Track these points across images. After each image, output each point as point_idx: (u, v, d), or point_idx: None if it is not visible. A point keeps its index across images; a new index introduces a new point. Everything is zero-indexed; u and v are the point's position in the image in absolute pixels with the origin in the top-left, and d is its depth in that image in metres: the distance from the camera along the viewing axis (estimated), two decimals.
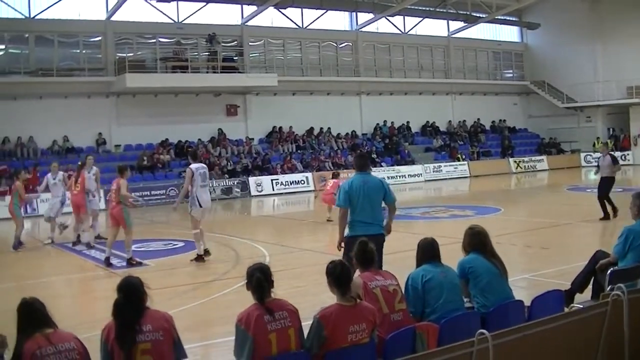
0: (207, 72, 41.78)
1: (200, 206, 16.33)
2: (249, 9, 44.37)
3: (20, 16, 38.48)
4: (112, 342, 5.60)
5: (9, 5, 38.09)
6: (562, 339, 6.47)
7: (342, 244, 10.35)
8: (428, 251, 7.61)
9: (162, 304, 11.66)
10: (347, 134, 47.62)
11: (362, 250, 7.38)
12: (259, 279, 6.11)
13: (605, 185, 20.28)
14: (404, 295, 7.15)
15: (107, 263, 16.36)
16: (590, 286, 9.58)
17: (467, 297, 7.70)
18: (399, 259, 14.28)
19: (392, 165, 45.59)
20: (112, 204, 16.68)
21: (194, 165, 16.48)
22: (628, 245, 9.10)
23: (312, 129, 46.51)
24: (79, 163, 22.67)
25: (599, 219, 19.71)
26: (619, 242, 9.25)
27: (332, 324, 6.07)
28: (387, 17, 49.58)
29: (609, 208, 19.92)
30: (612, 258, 9.30)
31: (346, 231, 10.41)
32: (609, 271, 8.51)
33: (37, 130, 37.52)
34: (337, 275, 6.37)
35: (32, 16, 38.73)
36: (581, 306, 7.39)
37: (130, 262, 16.17)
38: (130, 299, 5.75)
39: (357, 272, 7.17)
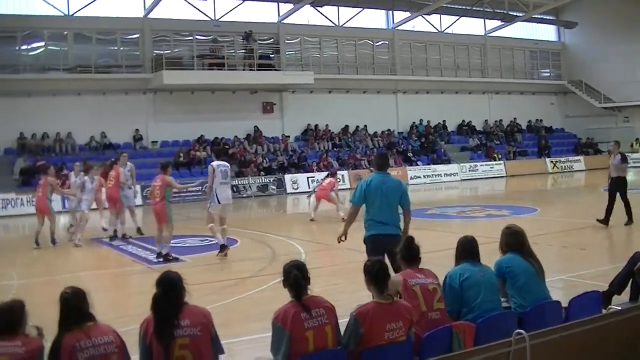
0: (244, 70, 41.99)
1: (219, 203, 16.57)
2: (286, 7, 44.51)
3: (59, 14, 38.91)
4: (150, 336, 5.66)
5: (48, 3, 38.53)
6: (600, 341, 6.45)
7: (343, 239, 10.36)
8: (468, 249, 7.58)
9: (198, 300, 11.74)
10: (383, 132, 47.56)
11: (408, 247, 7.42)
12: (297, 277, 6.14)
13: (619, 187, 19.47)
14: (443, 295, 7.15)
15: (159, 256, 16.60)
16: (628, 288, 9.51)
17: (504, 297, 7.67)
18: (435, 259, 14.24)
19: (429, 164, 45.48)
20: (156, 200, 16.77)
21: (215, 163, 16.83)
22: None
23: (347, 127, 46.48)
24: (112, 159, 22.85)
25: (597, 220, 19.02)
26: None
27: (369, 321, 6.08)
28: (424, 16, 49.48)
29: (609, 213, 19.13)
30: None
31: (363, 232, 10.31)
32: None
33: (76, 127, 37.93)
34: (375, 274, 6.40)
35: (71, 14, 39.15)
36: (619, 308, 7.35)
37: (167, 258, 16.27)
38: (169, 294, 5.81)
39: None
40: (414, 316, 6.37)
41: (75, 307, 5.56)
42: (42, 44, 38.80)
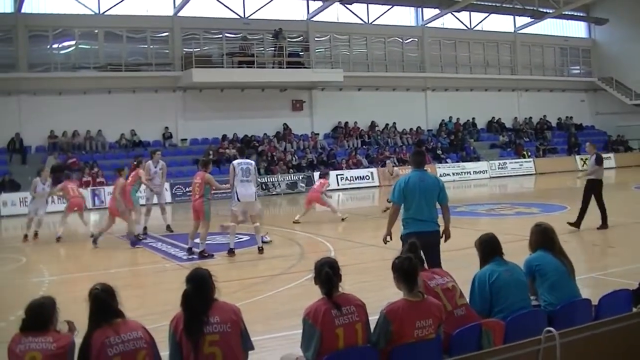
0: (273, 68, 42.08)
1: (239, 200, 16.73)
2: (315, 5, 44.60)
3: (90, 12, 39.25)
4: (180, 332, 5.70)
5: (79, 2, 38.85)
6: (630, 339, 6.43)
7: (388, 239, 10.38)
8: (492, 248, 7.53)
9: (228, 296, 11.81)
10: (411, 129, 47.50)
11: (412, 251, 7.36)
12: (328, 274, 6.16)
13: (593, 189, 18.79)
14: (461, 291, 7.14)
15: (190, 252, 16.82)
16: None
17: (533, 295, 7.64)
18: (462, 256, 14.25)
19: (458, 161, 45.34)
20: (195, 197, 16.95)
21: (235, 161, 17.09)
22: None
23: (373, 123, 46.46)
24: (137, 159, 22.85)
25: (567, 222, 18.34)
26: None
27: (399, 319, 6.09)
28: (453, 13, 49.37)
29: (581, 218, 18.57)
30: None
31: (401, 229, 10.33)
32: None
33: (106, 124, 38.26)
34: (405, 271, 6.37)
35: (101, 12, 39.47)
36: None
37: (202, 255, 16.37)
38: (199, 290, 5.86)
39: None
40: (443, 314, 6.38)
41: (104, 303, 5.62)
42: (73, 42, 39.11)
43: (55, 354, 5.42)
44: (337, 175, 39.38)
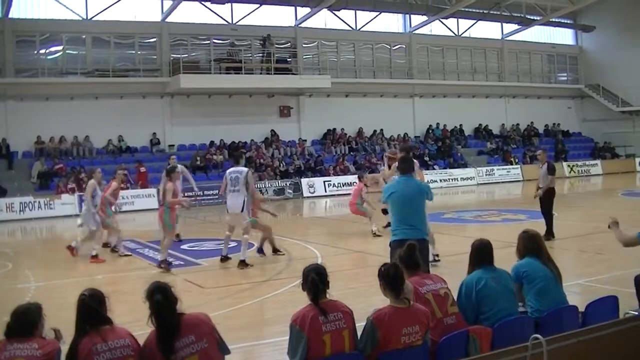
0: (261, 74, 42.09)
1: (227, 211, 16.42)
2: (303, 11, 44.60)
3: (77, 18, 39.15)
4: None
5: (67, 7, 38.75)
6: (617, 346, 6.44)
7: None
8: (482, 254, 7.50)
9: (215, 303, 11.84)
10: (399, 135, 47.55)
11: (410, 254, 7.34)
12: (314, 280, 6.15)
13: (545, 199, 18.19)
14: (454, 298, 7.13)
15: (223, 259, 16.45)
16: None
17: (520, 301, 7.65)
18: (450, 262, 14.31)
19: (445, 168, 45.42)
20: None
21: (230, 169, 16.59)
22: None
23: (361, 130, 46.49)
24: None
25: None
26: None
27: (385, 325, 6.08)
28: (441, 20, 49.45)
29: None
30: None
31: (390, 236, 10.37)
32: None
33: (93, 130, 38.10)
34: (391, 278, 6.35)
35: (89, 18, 39.34)
36: (636, 313, 7.33)
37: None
38: (168, 301, 5.68)
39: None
40: (429, 320, 6.37)
41: (91, 310, 5.56)
42: (60, 47, 38.98)
43: None
44: (324, 181, 39.46)
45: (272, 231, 17.24)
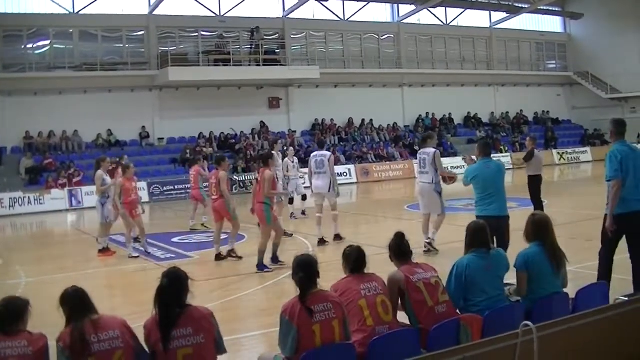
0: (250, 65, 42.01)
1: (312, 192, 18.33)
2: (291, 2, 44.56)
3: (64, 12, 39.02)
4: (154, 342, 5.60)
5: (53, 1, 38.62)
6: (607, 332, 6.45)
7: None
8: (477, 237, 7.49)
9: (206, 295, 11.82)
10: (389, 125, 47.55)
11: (398, 243, 7.34)
12: (302, 279, 6.18)
13: (530, 186, 19.06)
14: (445, 287, 7.13)
15: (217, 258, 16.01)
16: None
17: (521, 294, 7.60)
18: (441, 251, 14.31)
19: None
20: (214, 197, 16.19)
21: (313, 154, 18.28)
22: None
23: (350, 120, 46.50)
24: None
25: None
26: None
27: (342, 288, 6.64)
28: (429, 9, 49.43)
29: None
30: None
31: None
32: None
33: (82, 124, 37.99)
34: (354, 260, 6.82)
35: (76, 11, 39.22)
36: (626, 299, 7.35)
37: (230, 254, 16.11)
38: (175, 287, 5.74)
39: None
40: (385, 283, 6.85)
41: (77, 304, 5.58)
42: (48, 42, 38.81)
43: (33, 358, 5.35)
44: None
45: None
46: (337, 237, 17.48)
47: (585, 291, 7.42)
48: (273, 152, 19.46)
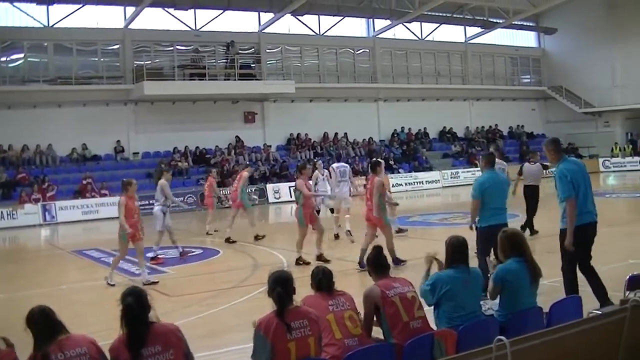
0: (225, 80, 41.96)
1: (330, 197, 21.56)
2: (266, 16, 44.54)
3: (39, 25, 38.82)
4: None
5: (28, 15, 38.39)
6: (581, 345, 6.46)
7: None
8: (457, 252, 7.51)
9: (181, 311, 11.77)
10: (364, 140, 47.63)
11: (377, 256, 7.37)
12: (280, 294, 6.11)
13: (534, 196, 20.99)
14: (421, 302, 7.12)
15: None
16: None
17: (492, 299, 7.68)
18: (414, 266, 14.30)
19: (410, 171, 45.57)
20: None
21: (335, 164, 21.97)
22: None
23: (325, 134, 46.51)
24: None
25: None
26: None
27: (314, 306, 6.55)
28: (404, 24, 49.67)
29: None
30: None
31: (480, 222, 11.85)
32: (627, 276, 8.45)
33: (56, 138, 37.80)
34: (319, 280, 6.84)
35: (50, 25, 39.03)
36: (599, 312, 7.37)
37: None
38: (140, 305, 5.65)
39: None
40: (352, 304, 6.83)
41: (44, 324, 5.50)
42: (22, 55, 38.66)
43: None
44: (289, 187, 39.29)
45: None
46: (349, 233, 19.70)
47: (559, 305, 7.44)
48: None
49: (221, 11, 42.91)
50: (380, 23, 49.62)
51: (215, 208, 25.41)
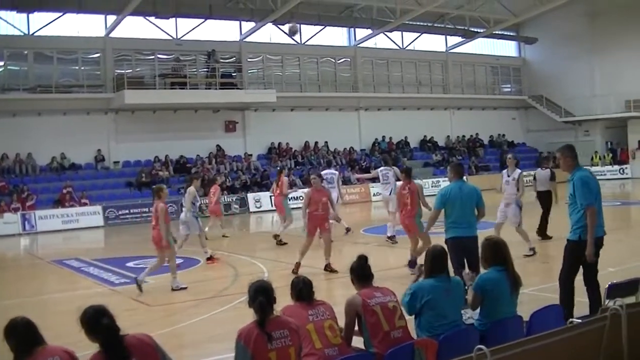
0: (206, 89, 41.88)
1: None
2: (248, 25, 44.52)
3: (19, 33, 38.61)
4: None
5: (8, 23, 38.20)
6: (561, 354, 6.47)
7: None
8: (437, 263, 7.50)
9: (162, 320, 11.73)
10: (345, 149, 47.64)
11: (361, 265, 7.37)
12: (262, 303, 6.07)
13: (546, 202, 21.92)
14: (402, 312, 7.13)
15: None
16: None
17: (473, 309, 7.69)
18: (395, 275, 14.32)
19: None
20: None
21: (323, 172, 22.99)
22: None
23: (307, 143, 46.52)
24: (278, 169, 27.72)
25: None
26: None
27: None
28: (385, 33, 49.74)
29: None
30: None
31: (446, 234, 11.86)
32: (607, 285, 8.47)
33: (36, 147, 37.53)
34: (299, 290, 6.89)
35: (31, 33, 38.84)
36: (579, 320, 7.39)
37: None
38: (113, 322, 5.53)
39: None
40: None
41: (25, 337, 5.46)
42: (2, 63, 38.41)
43: None
44: (270, 196, 39.16)
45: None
46: (348, 230, 22.29)
47: (539, 314, 7.45)
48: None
49: (202, 20, 42.85)
50: (361, 32, 49.70)
51: (222, 213, 26.89)
